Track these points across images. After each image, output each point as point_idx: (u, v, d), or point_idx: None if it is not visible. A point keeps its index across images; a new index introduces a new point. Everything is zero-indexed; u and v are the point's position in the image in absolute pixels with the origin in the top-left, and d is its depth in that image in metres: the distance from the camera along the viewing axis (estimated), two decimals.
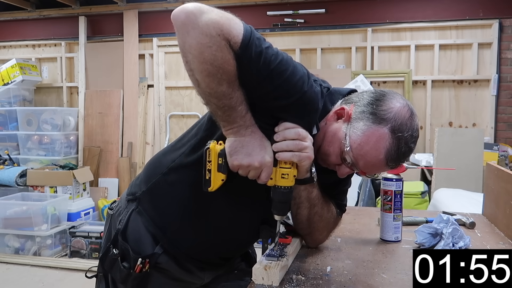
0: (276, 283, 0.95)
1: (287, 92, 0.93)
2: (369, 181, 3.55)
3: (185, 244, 1.13)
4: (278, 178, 0.98)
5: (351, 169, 1.02)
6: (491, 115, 3.98)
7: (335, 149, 1.02)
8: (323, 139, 1.04)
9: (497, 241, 1.28)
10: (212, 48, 0.86)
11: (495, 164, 1.54)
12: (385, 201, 1.26)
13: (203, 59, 0.87)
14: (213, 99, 0.91)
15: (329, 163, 1.05)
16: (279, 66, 0.92)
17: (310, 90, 0.96)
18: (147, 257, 1.11)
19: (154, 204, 1.15)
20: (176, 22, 0.89)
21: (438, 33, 4.11)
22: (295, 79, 0.94)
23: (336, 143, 1.01)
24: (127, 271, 1.11)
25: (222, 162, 0.96)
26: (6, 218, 3.82)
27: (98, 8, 4.90)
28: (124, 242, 1.13)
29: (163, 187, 1.13)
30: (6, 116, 4.74)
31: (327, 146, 1.03)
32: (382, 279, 0.99)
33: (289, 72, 0.93)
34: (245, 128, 0.94)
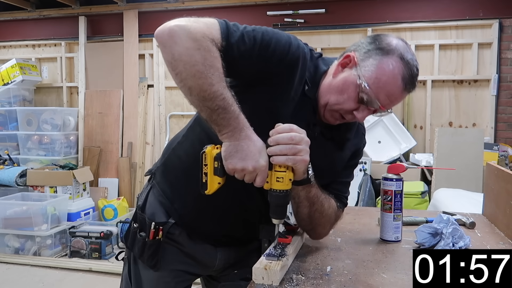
0: (276, 282, 0.95)
1: (280, 58, 1.01)
2: (369, 181, 3.55)
3: (189, 216, 1.20)
4: (274, 182, 0.98)
5: (369, 109, 1.05)
6: (491, 115, 3.97)
7: (350, 94, 1.04)
8: (330, 92, 1.07)
9: (497, 241, 1.28)
10: (201, 49, 0.92)
11: (495, 164, 1.54)
12: (385, 201, 1.26)
13: (194, 61, 0.92)
14: (207, 102, 0.93)
15: (343, 112, 1.07)
16: (264, 38, 1.00)
17: (298, 49, 1.05)
18: (160, 224, 1.19)
19: (165, 177, 1.25)
20: (162, 38, 0.95)
21: (438, 33, 4.11)
22: (281, 44, 1.02)
23: (350, 88, 1.04)
24: (143, 240, 1.20)
25: (218, 166, 0.98)
26: (6, 218, 3.82)
27: (98, 8, 4.90)
28: (142, 214, 1.23)
29: (172, 160, 1.24)
30: (6, 116, 4.74)
31: (339, 95, 1.05)
32: (382, 279, 0.99)
33: (274, 40, 1.01)
34: (239, 132, 0.95)
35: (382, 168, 3.67)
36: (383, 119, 4.01)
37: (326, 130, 1.13)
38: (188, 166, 1.17)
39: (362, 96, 1.03)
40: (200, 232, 1.22)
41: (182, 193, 1.20)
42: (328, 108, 1.08)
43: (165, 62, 0.97)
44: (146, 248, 1.19)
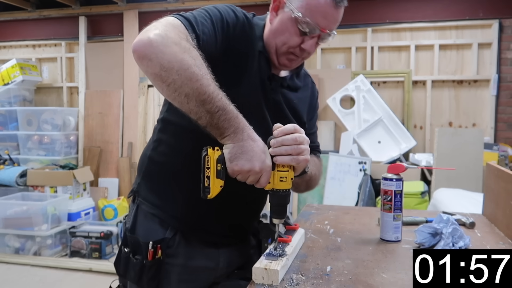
0: (276, 282, 0.95)
1: (233, 27, 1.09)
2: (369, 181, 3.55)
3: (187, 218, 1.16)
4: (277, 182, 0.99)
5: (312, 37, 1.10)
6: (491, 115, 3.98)
7: (290, 30, 1.09)
8: (274, 37, 1.12)
9: (497, 241, 1.28)
10: (186, 52, 0.91)
11: (495, 164, 1.54)
12: (385, 201, 1.26)
13: (186, 65, 0.89)
14: (207, 105, 0.90)
15: (292, 50, 1.12)
16: (216, 15, 1.06)
17: (239, 13, 1.13)
18: (158, 242, 1.13)
19: (151, 189, 1.21)
20: (145, 52, 0.91)
21: (438, 33, 4.11)
22: (231, 15, 1.10)
23: (288, 25, 1.09)
24: (140, 263, 1.13)
25: (221, 168, 0.95)
26: (6, 218, 3.82)
27: (98, 8, 4.90)
28: (133, 236, 1.17)
29: (153, 169, 1.21)
30: (6, 116, 4.74)
31: (281, 35, 1.11)
32: (382, 279, 0.99)
33: (223, 13, 1.08)
34: (241, 132, 0.95)
35: (382, 168, 3.67)
36: (383, 119, 4.01)
37: (282, 81, 1.20)
38: (173, 166, 1.17)
39: (301, 27, 1.08)
40: (200, 233, 1.18)
41: (174, 195, 1.17)
42: (279, 52, 1.13)
43: (150, 76, 0.92)
44: (145, 271, 1.13)
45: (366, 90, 4.08)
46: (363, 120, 4.04)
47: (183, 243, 1.16)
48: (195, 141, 1.03)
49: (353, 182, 3.74)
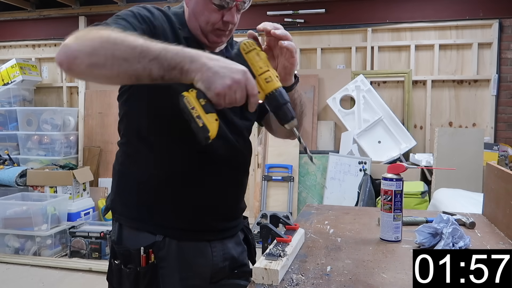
0: (276, 282, 0.95)
1: (149, 25, 1.09)
2: (369, 181, 3.55)
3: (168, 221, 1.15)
4: (264, 85, 0.94)
5: (230, 9, 1.12)
6: (491, 115, 3.98)
7: (208, 8, 1.11)
8: (195, 18, 1.14)
9: (497, 241, 1.28)
10: (99, 30, 0.91)
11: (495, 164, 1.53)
12: (385, 201, 1.26)
13: (105, 36, 0.88)
14: (147, 54, 0.86)
15: (217, 25, 1.13)
16: (130, 15, 1.07)
17: (152, 8, 1.13)
18: (149, 247, 1.12)
19: (125, 203, 1.19)
20: (68, 54, 0.89)
21: (438, 33, 4.11)
22: (142, 12, 1.10)
23: (204, 3, 1.11)
24: (134, 271, 1.11)
25: (206, 102, 0.88)
26: (6, 218, 3.82)
27: (98, 8, 4.90)
28: (121, 247, 1.16)
29: (122, 183, 1.20)
30: (6, 116, 4.74)
31: (202, 15, 1.12)
32: (382, 279, 0.99)
33: (135, 12, 1.09)
34: (198, 58, 0.88)
35: (382, 168, 3.67)
36: (383, 119, 4.01)
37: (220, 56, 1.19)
38: (142, 176, 1.16)
39: (217, 3, 1.09)
40: (188, 232, 1.17)
41: (150, 205, 1.15)
42: (205, 32, 1.15)
43: (84, 74, 0.91)
44: (140, 278, 1.11)
45: (366, 90, 4.08)
46: (363, 120, 4.04)
47: (174, 243, 1.15)
48: (159, 149, 1.08)
49: (353, 182, 3.74)
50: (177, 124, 1.03)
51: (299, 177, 4.09)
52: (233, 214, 1.28)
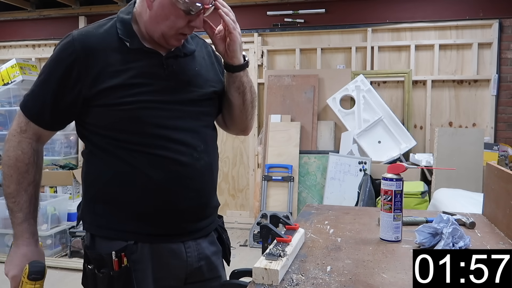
0: (276, 282, 0.95)
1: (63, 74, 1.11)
2: (369, 181, 3.55)
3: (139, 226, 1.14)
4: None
5: (198, 15, 1.10)
6: (491, 115, 3.98)
7: (174, 14, 1.08)
8: (157, 23, 1.10)
9: (497, 241, 1.28)
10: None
11: (495, 164, 1.53)
12: (385, 201, 1.26)
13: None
14: (6, 200, 1.17)
15: (181, 30, 1.12)
16: (41, 79, 1.14)
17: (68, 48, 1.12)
18: (121, 251, 1.11)
19: (93, 212, 1.18)
20: None
21: (438, 33, 4.11)
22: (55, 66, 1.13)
23: (171, 9, 1.08)
24: (108, 275, 1.10)
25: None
26: (6, 218, 3.80)
27: (98, 8, 4.90)
28: (93, 251, 1.14)
29: (88, 192, 1.20)
30: (6, 116, 4.74)
31: (166, 20, 1.09)
32: (382, 279, 0.99)
33: (50, 69, 1.13)
34: (16, 239, 1.17)
35: (382, 168, 3.67)
36: (383, 119, 4.01)
37: (176, 54, 1.18)
38: (104, 183, 1.16)
39: (185, 9, 1.07)
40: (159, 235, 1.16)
41: (117, 211, 1.15)
42: (167, 36, 1.12)
43: None
44: (114, 282, 1.10)
45: (366, 90, 4.08)
46: (363, 120, 4.04)
47: (146, 246, 1.14)
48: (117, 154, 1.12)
49: (353, 182, 3.74)
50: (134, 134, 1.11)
51: (299, 177, 4.09)
52: (205, 214, 1.24)
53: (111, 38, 1.12)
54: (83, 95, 1.10)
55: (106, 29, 1.14)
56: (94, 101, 1.10)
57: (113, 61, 1.10)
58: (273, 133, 4.16)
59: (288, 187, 4.09)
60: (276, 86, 4.34)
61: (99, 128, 1.14)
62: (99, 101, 1.09)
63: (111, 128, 1.12)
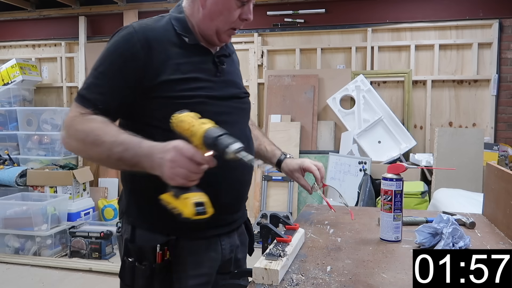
0: (276, 282, 0.95)
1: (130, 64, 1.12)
2: (369, 181, 3.55)
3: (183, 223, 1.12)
4: (196, 140, 0.96)
5: (248, 4, 1.17)
6: (491, 115, 3.98)
7: (229, 6, 1.13)
8: (212, 20, 1.14)
9: (497, 241, 1.28)
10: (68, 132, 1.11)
11: (495, 164, 1.53)
12: (385, 201, 1.26)
13: (74, 145, 1.10)
14: (112, 156, 1.04)
15: (232, 24, 1.16)
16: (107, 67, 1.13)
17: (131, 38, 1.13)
18: (164, 244, 1.15)
19: (140, 207, 1.20)
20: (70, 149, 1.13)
21: (438, 33, 4.11)
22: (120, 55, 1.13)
23: (227, 3, 1.12)
24: (149, 267, 1.13)
25: (172, 190, 0.97)
26: (6, 218, 3.82)
27: (98, 8, 4.90)
28: (135, 245, 1.17)
29: (136, 188, 1.21)
30: (6, 116, 4.74)
31: (221, 15, 1.14)
32: (382, 279, 0.99)
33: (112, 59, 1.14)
34: (150, 154, 0.99)
35: (382, 168, 3.67)
36: (383, 119, 4.01)
37: (223, 54, 1.24)
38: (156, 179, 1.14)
39: (241, 0, 1.13)
40: (201, 231, 1.18)
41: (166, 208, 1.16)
42: (220, 32, 1.16)
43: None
44: (155, 274, 1.14)
45: (366, 90, 4.08)
46: (363, 120, 4.04)
47: (187, 241, 1.18)
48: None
49: (353, 182, 3.74)
50: None
51: None
52: (240, 206, 1.31)
53: (169, 33, 1.15)
54: (144, 86, 1.10)
55: (163, 25, 1.16)
56: (154, 92, 1.11)
57: (173, 55, 1.12)
58: (273, 133, 4.16)
59: (288, 187, 4.08)
60: (276, 86, 4.34)
61: (154, 120, 1.13)
62: (160, 92, 1.11)
63: (167, 121, 1.09)
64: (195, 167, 0.95)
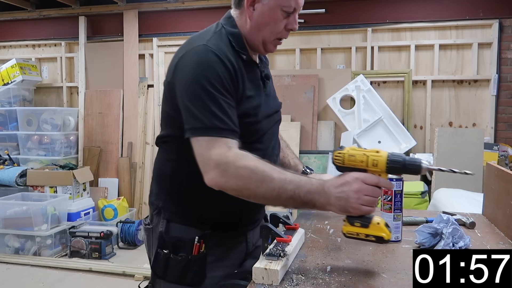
0: (276, 282, 0.95)
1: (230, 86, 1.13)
2: None
3: (218, 220, 1.24)
4: (377, 168, 1.01)
5: (294, 14, 1.18)
6: (491, 115, 3.98)
7: (274, 17, 1.15)
8: (259, 31, 1.17)
9: (497, 241, 1.28)
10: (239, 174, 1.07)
11: (495, 164, 1.53)
12: (385, 201, 1.26)
13: (245, 190, 1.06)
14: (283, 195, 1.02)
15: (278, 35, 1.19)
16: (216, 90, 1.09)
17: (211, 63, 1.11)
18: (201, 238, 1.20)
19: (178, 203, 1.25)
20: (227, 190, 1.07)
21: (438, 33, 4.11)
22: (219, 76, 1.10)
23: (272, 13, 1.15)
24: (186, 258, 1.19)
25: (358, 221, 1.00)
26: (6, 218, 3.82)
27: (98, 8, 4.90)
28: (171, 237, 1.22)
29: (176, 188, 1.25)
30: (6, 116, 4.74)
31: (268, 26, 1.16)
32: (382, 279, 0.99)
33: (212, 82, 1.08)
34: (325, 190, 0.99)
35: None
36: (383, 119, 4.01)
37: (265, 67, 1.30)
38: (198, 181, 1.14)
39: (286, 10, 1.15)
40: (232, 227, 1.26)
41: (203, 206, 1.22)
42: (266, 42, 1.20)
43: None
44: (190, 266, 1.19)
45: (366, 90, 4.08)
46: (363, 120, 4.04)
47: (221, 234, 1.24)
48: None
49: None
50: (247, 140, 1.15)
51: None
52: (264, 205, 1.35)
53: (230, 50, 1.16)
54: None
55: (226, 42, 1.17)
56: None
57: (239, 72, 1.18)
58: None
59: None
60: (276, 86, 4.31)
61: None
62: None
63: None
64: (379, 192, 1.00)
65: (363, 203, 0.97)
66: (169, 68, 1.18)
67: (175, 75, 1.13)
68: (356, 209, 0.98)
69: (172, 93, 1.14)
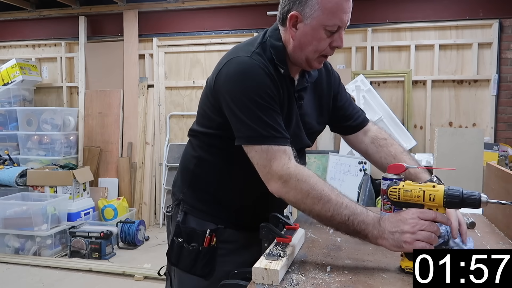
0: (276, 282, 0.95)
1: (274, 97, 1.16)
2: (369, 181, 3.55)
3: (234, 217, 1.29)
4: (435, 203, 1.01)
5: (339, 32, 1.19)
6: (491, 115, 3.98)
7: (317, 37, 1.15)
8: (302, 50, 1.17)
9: (497, 241, 1.28)
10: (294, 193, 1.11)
11: (495, 164, 1.54)
12: (385, 201, 1.26)
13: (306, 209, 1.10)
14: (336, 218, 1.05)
15: (322, 52, 1.19)
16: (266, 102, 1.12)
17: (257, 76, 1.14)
18: (213, 231, 1.27)
19: (197, 197, 1.31)
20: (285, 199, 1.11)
21: (438, 33, 4.11)
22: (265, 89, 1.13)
23: (314, 34, 1.14)
24: (196, 249, 1.25)
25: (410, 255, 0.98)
26: (6, 218, 3.82)
27: (98, 8, 4.90)
28: (187, 227, 1.29)
29: (197, 182, 1.32)
30: (6, 116, 4.74)
31: (309, 45, 1.16)
32: (382, 279, 0.99)
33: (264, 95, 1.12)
34: (378, 222, 1.02)
35: None
36: (383, 119, 4.01)
37: (304, 87, 1.28)
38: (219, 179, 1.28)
39: (330, 30, 1.15)
40: (247, 224, 1.27)
41: (222, 202, 1.29)
42: (310, 60, 1.19)
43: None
44: (200, 257, 1.25)
45: (366, 90, 4.08)
46: None
47: (233, 231, 1.29)
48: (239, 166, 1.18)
49: (353, 182, 3.74)
50: None
51: None
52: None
53: (271, 63, 1.18)
54: None
55: (268, 55, 1.19)
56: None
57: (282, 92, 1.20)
58: None
59: None
60: None
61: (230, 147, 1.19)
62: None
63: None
64: (436, 228, 0.99)
65: (419, 239, 0.97)
66: (214, 71, 1.21)
67: (218, 81, 1.16)
68: (410, 244, 0.97)
69: (215, 98, 1.18)
